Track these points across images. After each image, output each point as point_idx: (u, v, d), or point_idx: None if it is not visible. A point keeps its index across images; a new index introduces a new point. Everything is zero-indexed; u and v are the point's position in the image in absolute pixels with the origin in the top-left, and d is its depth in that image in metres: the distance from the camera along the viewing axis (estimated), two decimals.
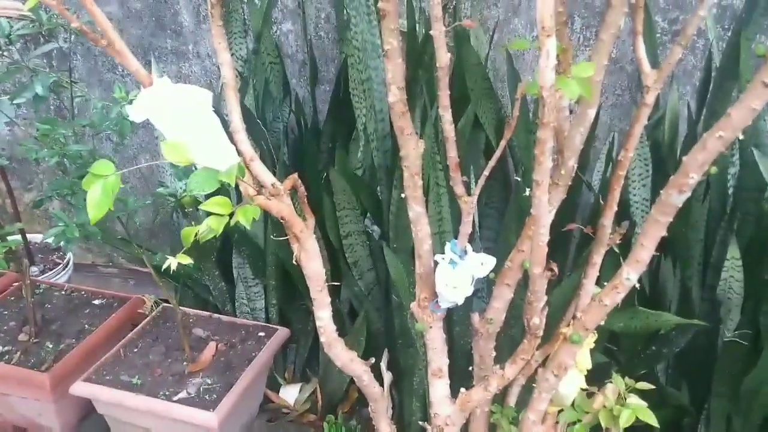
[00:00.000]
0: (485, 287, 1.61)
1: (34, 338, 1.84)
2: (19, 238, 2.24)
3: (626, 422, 1.02)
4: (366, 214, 1.76)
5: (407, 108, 0.94)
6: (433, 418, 1.17)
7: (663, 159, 1.60)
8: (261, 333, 1.87)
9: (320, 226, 1.70)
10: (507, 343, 1.41)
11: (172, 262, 0.73)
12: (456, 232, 1.04)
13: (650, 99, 0.88)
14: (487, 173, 0.93)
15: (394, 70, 0.90)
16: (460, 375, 1.35)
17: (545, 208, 0.84)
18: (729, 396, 1.49)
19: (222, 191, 0.81)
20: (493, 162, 0.92)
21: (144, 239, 2.45)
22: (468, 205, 0.97)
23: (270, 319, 1.97)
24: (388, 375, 1.38)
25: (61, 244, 1.50)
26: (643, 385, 1.16)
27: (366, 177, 1.75)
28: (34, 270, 2.31)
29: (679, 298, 1.56)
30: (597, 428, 1.08)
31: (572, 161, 0.94)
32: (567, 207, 1.05)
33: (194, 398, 1.63)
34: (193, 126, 0.80)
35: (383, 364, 1.41)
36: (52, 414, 1.77)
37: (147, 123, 0.82)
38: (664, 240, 0.90)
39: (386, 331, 1.78)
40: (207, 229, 0.73)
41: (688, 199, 0.84)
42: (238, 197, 0.90)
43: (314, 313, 1.10)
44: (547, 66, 0.71)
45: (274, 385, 2.03)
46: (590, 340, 1.04)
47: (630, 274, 0.89)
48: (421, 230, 1.04)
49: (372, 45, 1.62)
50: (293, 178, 0.90)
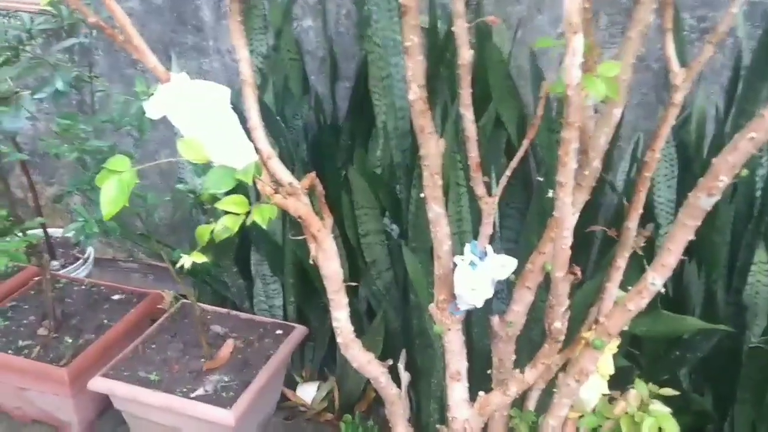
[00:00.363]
0: (505, 288, 1.59)
1: (54, 333, 1.86)
2: (40, 232, 2.25)
3: (649, 431, 0.99)
4: (385, 213, 1.74)
5: (428, 106, 0.92)
6: (451, 421, 1.15)
7: (689, 159, 1.56)
8: (279, 331, 1.87)
9: (339, 224, 1.69)
10: (527, 345, 1.38)
11: (186, 261, 0.72)
12: (476, 232, 1.02)
13: (678, 99, 0.86)
14: (509, 173, 0.90)
15: (415, 67, 0.88)
16: (479, 377, 1.33)
17: (569, 210, 0.82)
18: (753, 403, 1.46)
19: (240, 189, 0.80)
20: (514, 163, 0.90)
21: (164, 235, 2.46)
22: (489, 206, 0.95)
23: (288, 316, 1.96)
24: (405, 376, 1.37)
25: (80, 239, 1.51)
26: (667, 391, 1.14)
27: (385, 175, 1.73)
28: (55, 264, 2.33)
29: (704, 301, 1.53)
30: None
31: (597, 162, 0.92)
32: (590, 208, 1.02)
33: (211, 396, 1.63)
34: (211, 123, 0.79)
35: (401, 364, 1.39)
36: (71, 408, 1.78)
37: (167, 118, 0.81)
38: (690, 242, 0.87)
39: (404, 331, 1.76)
40: (223, 228, 0.72)
41: None
42: (256, 195, 0.89)
43: (331, 314, 1.09)
44: (574, 64, 0.68)
45: (291, 383, 2.02)
46: (613, 345, 1.01)
47: (655, 279, 0.87)
48: (441, 231, 1.02)
49: (393, 42, 1.60)
50: (311, 177, 0.89)
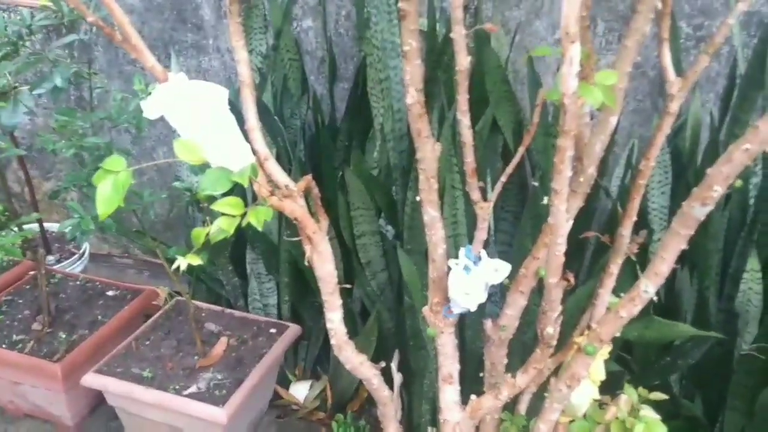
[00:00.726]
0: (499, 292, 1.59)
1: (48, 328, 1.86)
2: (37, 227, 2.25)
3: None
4: (380, 214, 1.75)
5: (425, 110, 0.92)
6: (442, 424, 1.15)
7: (683, 166, 1.57)
8: (272, 329, 1.87)
9: (334, 224, 1.69)
10: (519, 348, 1.39)
11: (182, 263, 0.72)
12: (471, 235, 1.03)
13: (674, 108, 0.87)
14: (504, 179, 0.91)
15: (413, 71, 0.89)
16: (471, 378, 1.34)
17: (563, 217, 0.82)
18: (743, 410, 1.46)
19: (237, 189, 0.80)
20: (510, 169, 0.90)
21: (159, 231, 2.46)
22: (484, 211, 0.95)
23: (282, 315, 1.96)
24: (398, 376, 1.37)
25: (76, 236, 1.51)
26: (657, 396, 1.15)
27: (381, 177, 1.74)
28: (50, 259, 2.33)
29: (696, 308, 1.54)
30: None
31: (592, 169, 0.92)
32: (584, 213, 1.03)
33: (204, 393, 1.64)
34: (208, 124, 0.79)
35: (394, 365, 1.39)
36: (63, 404, 1.78)
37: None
38: (683, 249, 0.88)
39: (398, 331, 1.76)
40: (218, 230, 0.72)
41: None
42: (253, 195, 0.89)
43: (325, 315, 1.09)
44: (570, 73, 0.69)
45: (284, 381, 2.03)
46: (604, 351, 1.02)
47: (648, 287, 0.87)
48: (436, 234, 1.03)
49: (391, 44, 1.60)
50: (307, 180, 0.89)
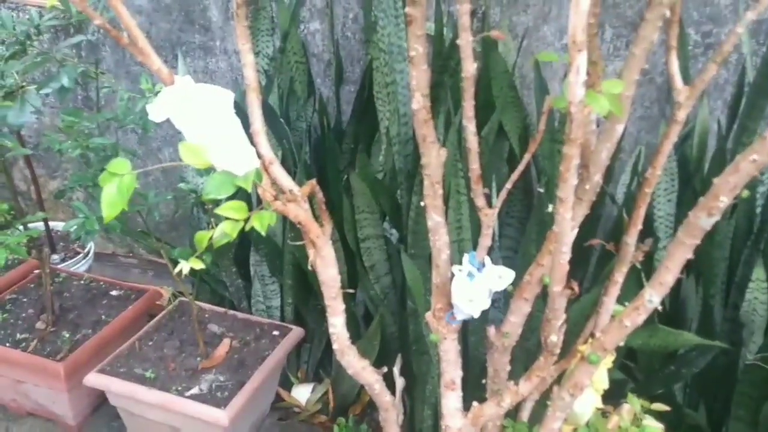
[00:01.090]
0: (502, 298, 1.59)
1: (51, 327, 1.86)
2: (42, 225, 2.26)
3: None
4: (385, 218, 1.75)
5: (431, 115, 0.92)
6: (444, 430, 1.15)
7: (690, 174, 1.56)
8: (275, 332, 1.87)
9: (338, 228, 1.69)
10: (522, 355, 1.38)
11: (184, 267, 0.72)
12: (475, 241, 1.02)
13: (681, 116, 0.86)
14: (509, 186, 0.91)
15: (419, 76, 0.88)
16: (474, 384, 1.33)
17: (569, 226, 0.82)
18: (748, 420, 1.45)
19: (242, 192, 0.80)
20: (515, 176, 0.90)
21: (164, 232, 2.46)
22: (488, 217, 0.95)
23: (285, 317, 1.96)
24: (400, 381, 1.37)
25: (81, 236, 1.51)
26: (659, 406, 1.14)
27: (386, 180, 1.73)
28: (55, 258, 2.34)
29: (701, 316, 1.53)
30: None
31: (598, 176, 0.92)
32: (589, 220, 1.02)
33: (206, 395, 1.64)
34: (214, 127, 0.79)
35: (396, 369, 1.39)
36: (66, 403, 1.78)
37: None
38: (688, 258, 0.87)
39: (400, 336, 1.76)
40: (221, 234, 0.72)
41: None
42: (258, 198, 0.89)
43: (328, 320, 1.09)
44: (577, 82, 0.69)
45: (286, 384, 2.02)
46: (608, 360, 1.02)
47: (653, 296, 0.87)
48: (440, 240, 1.02)
49: (398, 48, 1.60)
50: (312, 184, 0.89)
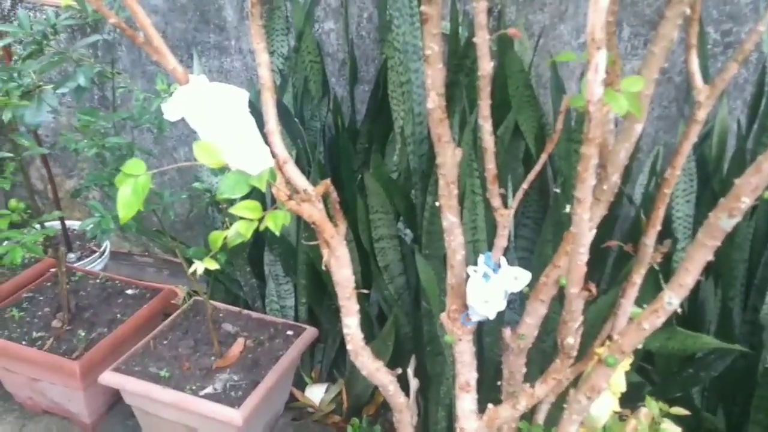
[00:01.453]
0: (518, 299, 1.58)
1: (67, 325, 1.87)
2: (58, 224, 2.27)
3: None
4: (399, 218, 1.74)
5: (446, 115, 0.91)
6: None
7: (709, 175, 1.54)
8: (289, 332, 1.87)
9: (353, 227, 1.68)
10: (538, 357, 1.37)
11: (198, 267, 0.71)
12: (491, 241, 1.01)
13: (701, 115, 0.84)
14: (525, 186, 0.90)
15: (434, 75, 0.87)
16: (489, 386, 1.32)
17: (586, 226, 0.81)
18: (767, 425, 1.43)
19: (256, 192, 0.80)
20: (532, 176, 0.89)
21: (179, 231, 2.47)
22: (504, 218, 0.94)
23: (299, 317, 1.96)
24: (414, 382, 1.36)
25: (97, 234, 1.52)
26: (678, 410, 1.12)
27: (401, 180, 1.73)
28: (71, 257, 2.35)
29: (720, 319, 1.51)
30: None
31: (616, 177, 0.90)
32: (607, 220, 1.01)
33: (220, 394, 1.64)
34: (228, 127, 0.79)
35: (410, 370, 1.38)
36: (81, 401, 1.79)
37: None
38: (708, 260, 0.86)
39: (415, 336, 1.75)
40: (235, 234, 0.71)
41: None
42: (272, 197, 0.88)
43: (342, 320, 1.08)
44: (596, 80, 0.67)
45: (300, 384, 2.02)
46: (626, 363, 1.00)
47: (672, 299, 0.85)
48: (455, 240, 1.02)
49: (413, 47, 1.59)
50: (326, 184, 0.89)
